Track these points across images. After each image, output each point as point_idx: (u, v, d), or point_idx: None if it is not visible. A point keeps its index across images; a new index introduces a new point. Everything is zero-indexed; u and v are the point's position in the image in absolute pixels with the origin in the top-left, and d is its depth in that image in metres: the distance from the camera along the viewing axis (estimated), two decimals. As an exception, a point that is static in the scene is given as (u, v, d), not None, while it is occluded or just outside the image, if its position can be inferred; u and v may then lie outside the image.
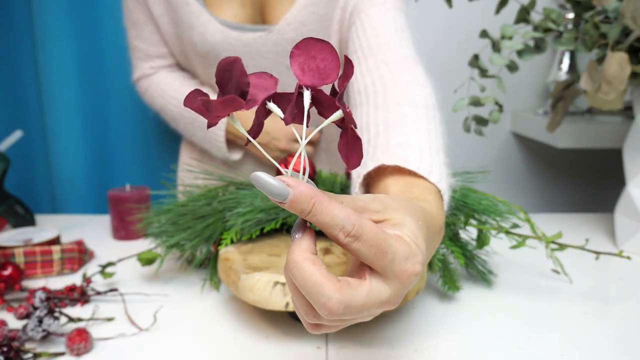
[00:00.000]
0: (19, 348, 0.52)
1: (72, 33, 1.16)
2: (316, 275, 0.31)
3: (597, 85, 0.70)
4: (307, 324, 0.34)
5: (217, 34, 0.84)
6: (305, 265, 0.31)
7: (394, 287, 0.32)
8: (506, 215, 0.66)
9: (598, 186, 1.59)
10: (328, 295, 0.30)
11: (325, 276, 0.31)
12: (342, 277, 0.32)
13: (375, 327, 0.58)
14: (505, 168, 1.56)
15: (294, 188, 0.30)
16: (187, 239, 0.65)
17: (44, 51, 1.16)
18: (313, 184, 0.32)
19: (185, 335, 0.57)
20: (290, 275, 0.32)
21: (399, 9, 0.80)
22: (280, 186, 0.30)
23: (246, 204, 0.63)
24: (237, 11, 0.87)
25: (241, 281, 0.54)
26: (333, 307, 0.30)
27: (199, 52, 0.88)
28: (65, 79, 1.18)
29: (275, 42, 0.85)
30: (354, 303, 0.31)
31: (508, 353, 0.53)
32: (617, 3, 0.72)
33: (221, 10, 0.86)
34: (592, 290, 0.69)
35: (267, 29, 0.85)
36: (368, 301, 0.31)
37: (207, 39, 0.85)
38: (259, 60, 0.87)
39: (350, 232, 0.31)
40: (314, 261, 0.31)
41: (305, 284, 0.31)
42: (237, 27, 0.85)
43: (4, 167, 0.87)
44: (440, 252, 0.62)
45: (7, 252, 0.71)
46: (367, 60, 0.71)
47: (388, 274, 0.32)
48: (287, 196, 0.30)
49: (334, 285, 0.30)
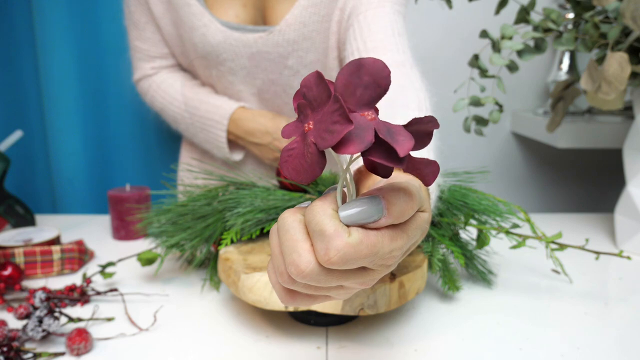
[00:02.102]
0: (19, 348, 0.52)
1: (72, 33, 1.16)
2: (296, 230, 0.30)
3: (597, 85, 0.70)
4: (281, 291, 0.33)
5: (218, 34, 0.84)
6: (289, 219, 0.30)
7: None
8: (506, 215, 0.66)
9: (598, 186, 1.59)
10: (299, 252, 0.29)
11: (303, 235, 0.30)
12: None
13: (375, 327, 0.58)
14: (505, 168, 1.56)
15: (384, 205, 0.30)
16: (187, 239, 0.65)
17: (44, 51, 1.16)
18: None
19: (185, 335, 0.57)
20: (276, 228, 0.31)
21: (397, 12, 0.80)
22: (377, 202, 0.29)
23: (246, 204, 0.63)
24: (239, 12, 0.86)
25: (241, 281, 0.54)
26: (301, 265, 0.29)
27: (199, 53, 0.88)
28: (65, 79, 1.18)
29: (275, 43, 0.85)
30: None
31: (508, 353, 0.53)
32: (617, 3, 0.72)
33: (222, 11, 0.86)
34: (592, 290, 0.69)
35: (268, 29, 0.85)
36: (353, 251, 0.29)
37: (208, 40, 0.85)
38: (260, 61, 0.87)
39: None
40: (301, 220, 0.30)
41: (283, 235, 0.30)
42: (238, 27, 0.85)
43: (4, 167, 0.87)
44: (441, 252, 0.62)
45: (7, 252, 0.71)
46: None
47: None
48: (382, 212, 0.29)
49: (309, 246, 0.30)
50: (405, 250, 0.33)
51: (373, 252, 0.29)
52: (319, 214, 0.29)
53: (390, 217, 0.30)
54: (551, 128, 0.92)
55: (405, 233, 0.31)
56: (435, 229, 0.65)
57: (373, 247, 0.29)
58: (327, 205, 0.30)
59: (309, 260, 0.29)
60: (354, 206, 0.29)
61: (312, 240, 0.30)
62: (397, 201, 0.30)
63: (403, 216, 0.30)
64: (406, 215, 0.30)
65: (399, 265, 0.57)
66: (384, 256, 0.30)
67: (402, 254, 0.33)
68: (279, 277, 0.32)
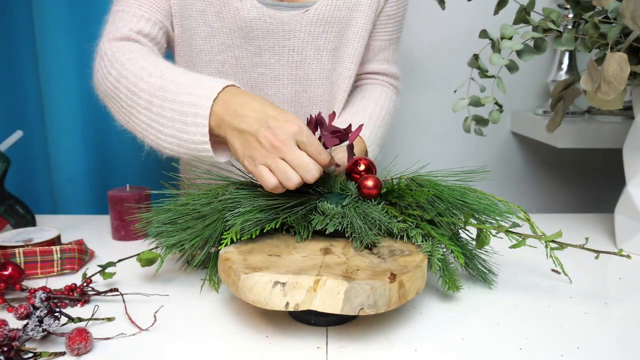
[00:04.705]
0: (20, 348, 0.52)
1: (72, 33, 1.16)
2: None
3: (597, 85, 0.70)
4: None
5: (253, 11, 0.84)
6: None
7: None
8: (506, 214, 0.66)
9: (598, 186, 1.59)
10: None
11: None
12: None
13: (375, 327, 0.58)
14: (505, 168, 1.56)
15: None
16: (187, 239, 0.65)
17: (44, 51, 1.16)
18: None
19: (185, 335, 0.57)
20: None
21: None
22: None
23: (246, 204, 0.63)
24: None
25: (241, 281, 0.54)
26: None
27: (228, 28, 0.84)
28: (65, 79, 1.18)
29: (310, 21, 0.86)
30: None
31: (508, 353, 0.54)
32: (617, 3, 0.72)
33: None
34: (592, 290, 0.69)
35: (304, 6, 0.86)
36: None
37: (242, 15, 0.84)
38: (289, 39, 0.87)
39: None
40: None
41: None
42: (273, 4, 0.85)
43: (4, 167, 0.87)
44: (441, 251, 0.62)
45: (7, 252, 0.71)
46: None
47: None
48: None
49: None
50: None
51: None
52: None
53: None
54: (551, 128, 0.92)
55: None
56: (435, 228, 0.65)
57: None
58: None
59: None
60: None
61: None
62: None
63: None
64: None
65: (399, 265, 0.57)
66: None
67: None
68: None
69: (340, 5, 0.87)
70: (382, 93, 0.99)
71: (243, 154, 0.61)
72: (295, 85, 0.91)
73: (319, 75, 0.91)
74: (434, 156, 1.51)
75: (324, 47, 0.89)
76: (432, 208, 0.65)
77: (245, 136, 0.61)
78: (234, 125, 0.62)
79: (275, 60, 0.89)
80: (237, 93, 0.64)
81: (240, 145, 0.62)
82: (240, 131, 0.61)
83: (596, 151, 1.55)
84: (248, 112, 0.61)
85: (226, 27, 0.86)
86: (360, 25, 0.90)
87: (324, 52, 0.90)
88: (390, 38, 0.97)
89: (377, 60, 0.99)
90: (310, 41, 0.88)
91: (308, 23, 0.86)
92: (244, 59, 0.88)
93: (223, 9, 0.84)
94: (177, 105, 0.65)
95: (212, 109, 0.63)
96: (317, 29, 0.87)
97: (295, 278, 0.52)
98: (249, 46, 0.87)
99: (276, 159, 0.59)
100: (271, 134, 0.59)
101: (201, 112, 0.63)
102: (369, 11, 0.90)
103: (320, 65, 0.90)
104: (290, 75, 0.90)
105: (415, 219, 0.65)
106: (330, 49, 0.90)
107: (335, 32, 0.89)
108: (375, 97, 0.98)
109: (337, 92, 0.94)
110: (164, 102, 0.66)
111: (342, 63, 0.92)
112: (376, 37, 0.96)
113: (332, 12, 0.87)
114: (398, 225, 0.63)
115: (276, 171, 0.59)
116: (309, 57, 0.89)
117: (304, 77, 0.91)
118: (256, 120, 0.60)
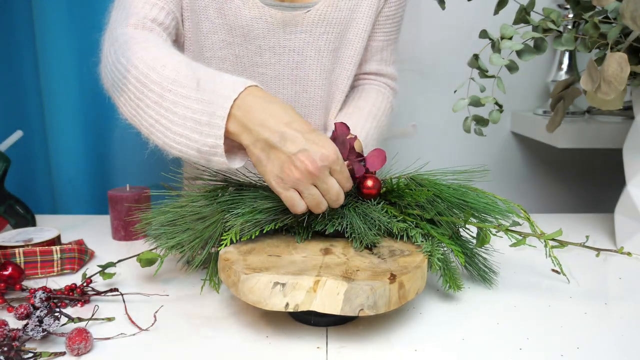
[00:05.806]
0: (20, 348, 0.52)
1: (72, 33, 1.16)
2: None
3: (597, 85, 0.70)
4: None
5: (254, 9, 0.83)
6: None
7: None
8: (506, 213, 0.66)
9: (598, 186, 1.59)
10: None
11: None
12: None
13: (375, 327, 0.58)
14: (505, 168, 1.56)
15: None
16: (186, 240, 0.65)
17: (44, 51, 1.16)
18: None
19: (185, 335, 0.57)
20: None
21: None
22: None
23: (246, 205, 0.63)
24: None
25: (241, 282, 0.54)
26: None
27: (229, 25, 0.84)
28: (65, 79, 1.18)
29: (311, 22, 0.86)
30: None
31: (508, 353, 0.53)
32: (617, 3, 0.72)
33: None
34: (592, 290, 0.69)
35: (306, 6, 0.85)
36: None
37: (243, 13, 0.83)
38: (290, 40, 0.87)
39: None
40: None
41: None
42: (275, 4, 0.84)
43: (4, 167, 0.87)
44: (441, 251, 0.62)
45: (7, 252, 0.71)
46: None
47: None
48: None
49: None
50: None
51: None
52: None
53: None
54: (551, 128, 0.92)
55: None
56: (435, 228, 0.65)
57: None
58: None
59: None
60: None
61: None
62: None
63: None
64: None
65: (399, 265, 0.57)
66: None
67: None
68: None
69: (342, 6, 0.87)
70: (379, 94, 0.99)
71: (272, 173, 0.58)
72: (296, 86, 0.91)
73: (319, 76, 0.91)
74: (434, 156, 1.51)
75: (324, 47, 0.89)
76: (432, 207, 0.65)
77: (276, 154, 0.57)
78: (262, 137, 0.57)
79: (276, 60, 0.88)
80: (261, 96, 0.59)
81: (270, 163, 0.57)
82: (271, 146, 0.57)
83: (596, 151, 1.55)
84: (280, 126, 0.57)
85: (227, 24, 0.85)
86: (361, 26, 0.90)
87: (325, 53, 0.89)
88: (388, 39, 0.97)
89: (375, 60, 0.99)
90: (311, 42, 0.88)
91: (309, 23, 0.86)
92: (244, 57, 0.88)
93: (224, 5, 0.84)
94: (192, 102, 0.59)
95: (231, 110, 0.58)
96: (318, 29, 0.87)
97: (295, 279, 0.52)
98: (249, 45, 0.87)
99: (309, 185, 0.57)
100: (308, 160, 0.55)
101: (218, 112, 0.57)
102: (370, 12, 0.90)
103: (320, 66, 0.90)
104: (290, 75, 0.90)
105: (415, 219, 0.65)
106: (331, 49, 0.89)
107: (336, 33, 0.88)
108: (372, 98, 0.98)
109: (335, 92, 0.94)
110: (176, 97, 0.60)
111: (341, 64, 0.92)
112: (374, 37, 0.96)
113: (334, 13, 0.87)
114: (398, 225, 0.63)
115: (307, 198, 0.58)
116: (310, 57, 0.89)
117: (304, 78, 0.91)
118: (292, 140, 0.56)
